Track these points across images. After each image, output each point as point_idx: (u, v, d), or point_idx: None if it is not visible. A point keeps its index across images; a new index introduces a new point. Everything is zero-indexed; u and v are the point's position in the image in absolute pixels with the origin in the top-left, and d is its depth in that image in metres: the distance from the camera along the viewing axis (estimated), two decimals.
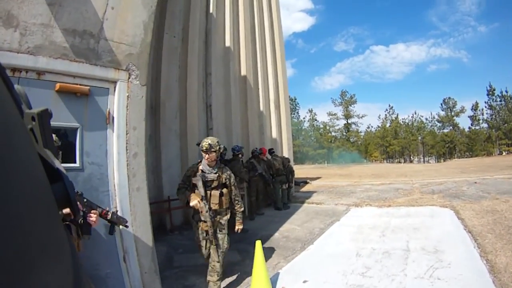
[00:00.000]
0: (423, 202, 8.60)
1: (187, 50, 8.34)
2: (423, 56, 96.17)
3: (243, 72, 10.81)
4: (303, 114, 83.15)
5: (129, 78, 3.48)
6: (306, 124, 65.04)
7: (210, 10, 9.55)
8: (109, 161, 3.36)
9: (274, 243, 6.00)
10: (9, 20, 2.58)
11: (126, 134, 3.45)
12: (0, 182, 0.39)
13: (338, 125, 64.10)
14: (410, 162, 56.23)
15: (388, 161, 59.01)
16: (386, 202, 9.19)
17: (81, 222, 2.50)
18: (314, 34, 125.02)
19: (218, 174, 3.96)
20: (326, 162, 52.50)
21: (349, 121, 63.00)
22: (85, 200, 2.50)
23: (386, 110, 63.00)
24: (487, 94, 53.66)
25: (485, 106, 54.05)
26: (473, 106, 55.35)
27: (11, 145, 0.45)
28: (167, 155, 7.65)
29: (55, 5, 2.85)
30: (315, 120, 65.14)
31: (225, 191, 4.00)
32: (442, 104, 58.20)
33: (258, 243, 4.05)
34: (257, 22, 11.96)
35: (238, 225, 4.28)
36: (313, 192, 12.38)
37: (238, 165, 7.65)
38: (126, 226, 3.03)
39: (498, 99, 52.41)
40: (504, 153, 48.15)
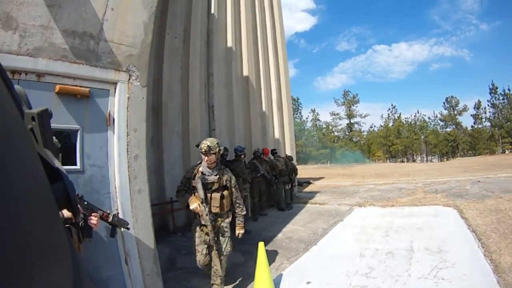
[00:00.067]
0: (427, 202, 8.55)
1: (189, 51, 8.33)
2: (426, 55, 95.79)
3: (245, 72, 10.80)
4: (306, 114, 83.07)
5: (129, 79, 3.46)
6: (308, 124, 64.92)
7: (212, 11, 9.55)
8: (110, 163, 3.34)
9: (277, 244, 5.97)
10: (8, 22, 2.57)
11: (127, 135, 3.43)
12: (0, 182, 0.39)
13: (340, 125, 63.88)
14: (413, 161, 56.03)
15: (391, 160, 58.78)
16: (390, 202, 9.14)
17: (82, 225, 2.49)
18: (316, 34, 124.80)
19: (218, 176, 3.85)
20: (329, 162, 52.39)
21: (351, 120, 62.75)
22: (85, 203, 2.49)
23: (389, 109, 62.86)
24: (490, 93, 53.29)
25: (487, 105, 53.74)
26: (475, 104, 54.98)
27: (11, 145, 0.45)
28: (170, 157, 7.63)
29: (55, 6, 2.83)
30: (318, 120, 64.95)
31: (226, 194, 3.88)
32: (444, 103, 57.87)
33: (261, 245, 4.02)
34: (258, 22, 11.94)
35: (238, 229, 4.12)
36: (316, 192, 12.33)
37: (240, 165, 7.63)
38: (128, 228, 3.02)
39: (501, 98, 52.04)
40: (507, 151, 47.82)
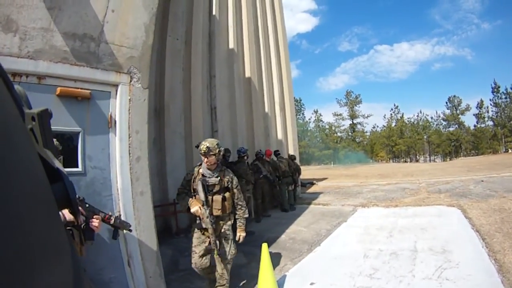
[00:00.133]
0: (430, 202, 8.51)
1: (191, 53, 8.33)
2: (427, 54, 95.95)
3: (248, 74, 10.80)
4: (309, 115, 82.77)
5: (130, 81, 3.46)
6: (311, 125, 64.91)
7: (213, 12, 9.55)
8: (111, 165, 3.33)
9: (280, 245, 5.95)
10: (8, 25, 2.58)
11: (129, 137, 3.42)
12: (0, 182, 0.39)
13: (343, 125, 63.91)
14: (416, 161, 55.91)
15: (394, 160, 58.65)
16: (393, 202, 9.11)
17: (83, 227, 2.48)
18: (318, 35, 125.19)
19: (219, 178, 3.73)
20: (332, 162, 52.33)
21: (354, 121, 62.75)
22: (87, 205, 2.48)
23: (391, 109, 62.65)
24: (492, 92, 53.10)
25: (490, 104, 53.56)
26: (478, 104, 54.83)
27: (11, 145, 0.45)
28: (172, 158, 7.63)
29: (55, 9, 2.84)
30: (321, 120, 64.95)
31: (227, 195, 3.77)
32: (447, 102, 57.74)
33: (265, 246, 4.00)
34: (260, 24, 11.95)
35: (239, 231, 3.94)
36: (319, 193, 12.31)
37: (244, 167, 7.62)
38: (130, 230, 3.01)
39: (503, 96, 51.80)
40: (510, 150, 47.50)
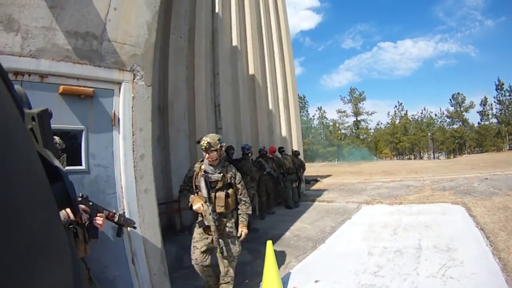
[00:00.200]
0: (434, 199, 8.49)
1: (194, 50, 8.33)
2: (431, 51, 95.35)
3: (251, 71, 10.79)
4: (312, 112, 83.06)
5: (134, 79, 3.46)
6: (315, 122, 64.91)
7: (216, 10, 9.53)
8: (115, 163, 3.34)
9: (285, 243, 5.95)
10: (10, 24, 2.58)
11: (133, 135, 3.42)
12: (0, 182, 0.38)
13: (347, 122, 63.82)
14: (420, 158, 55.66)
15: (398, 157, 58.40)
16: (397, 199, 9.10)
17: (87, 225, 2.49)
18: (321, 32, 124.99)
19: (222, 174, 3.64)
20: (336, 159, 52.24)
21: (358, 118, 62.60)
22: (91, 203, 2.48)
23: (395, 106, 62.38)
24: (496, 89, 52.56)
25: (494, 101, 53.05)
26: (482, 101, 54.35)
27: (11, 145, 0.44)
28: (176, 156, 7.64)
29: (57, 7, 2.84)
30: (325, 118, 64.89)
31: (231, 192, 3.68)
32: (451, 99, 57.36)
33: (269, 243, 3.98)
34: (263, 21, 11.92)
35: (242, 227, 3.77)
36: (323, 190, 12.28)
37: (248, 164, 7.60)
38: (134, 228, 3.02)
39: (507, 94, 51.24)
40: None
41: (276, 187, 9.40)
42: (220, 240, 3.52)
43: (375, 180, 14.57)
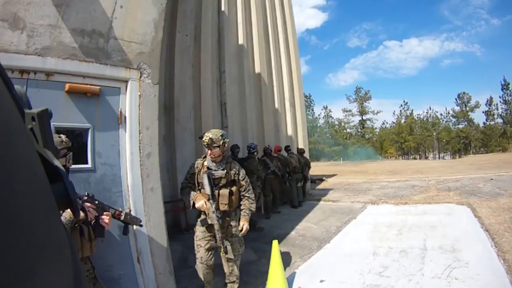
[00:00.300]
0: (440, 200, 8.46)
1: (200, 49, 8.33)
2: (437, 50, 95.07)
3: (257, 69, 10.77)
4: (318, 111, 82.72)
5: (140, 77, 3.44)
6: (321, 121, 64.87)
7: (222, 8, 9.51)
8: (121, 161, 3.33)
9: (290, 242, 5.92)
10: (15, 22, 2.58)
11: (139, 133, 3.41)
12: (0, 182, 0.38)
13: (353, 121, 63.71)
14: (426, 158, 55.41)
15: (403, 157, 58.16)
16: (403, 199, 9.06)
17: (94, 224, 2.49)
18: (327, 31, 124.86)
19: (226, 171, 3.53)
20: (341, 159, 52.11)
21: (364, 117, 62.43)
22: (96, 202, 2.48)
23: (401, 106, 62.22)
24: (502, 89, 51.91)
25: (499, 101, 52.49)
26: (487, 101, 53.90)
27: (11, 145, 0.44)
28: (182, 154, 7.63)
29: (62, 5, 2.83)
30: (330, 117, 64.82)
31: (234, 189, 3.58)
32: (456, 99, 56.99)
33: (275, 243, 3.95)
34: (269, 20, 11.88)
35: (243, 221, 3.62)
36: (329, 189, 12.26)
37: (254, 163, 7.57)
38: (141, 225, 3.01)
39: None
40: None
41: (281, 186, 9.37)
42: (224, 240, 3.46)
43: (381, 179, 14.53)
